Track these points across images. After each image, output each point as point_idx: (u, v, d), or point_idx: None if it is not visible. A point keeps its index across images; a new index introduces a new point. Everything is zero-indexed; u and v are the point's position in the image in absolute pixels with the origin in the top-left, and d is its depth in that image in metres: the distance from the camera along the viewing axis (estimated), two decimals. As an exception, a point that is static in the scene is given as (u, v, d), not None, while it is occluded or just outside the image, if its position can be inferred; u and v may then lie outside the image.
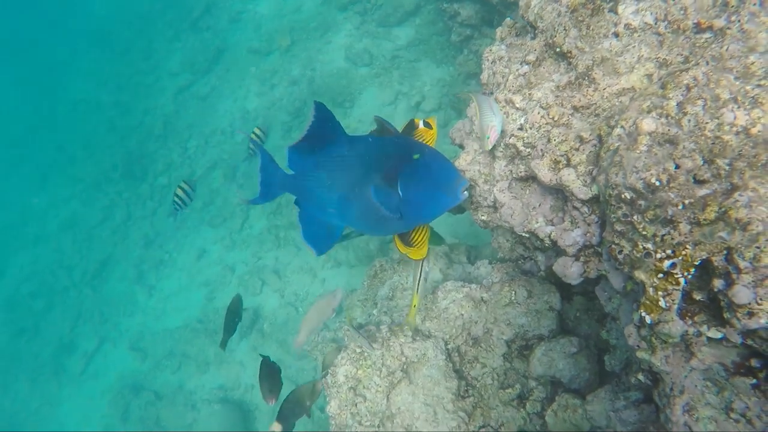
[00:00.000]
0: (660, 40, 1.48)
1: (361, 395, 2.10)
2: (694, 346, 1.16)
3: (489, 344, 2.20)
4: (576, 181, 1.31)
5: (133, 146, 8.16)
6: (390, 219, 1.43)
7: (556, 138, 1.37)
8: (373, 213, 1.45)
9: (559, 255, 1.51)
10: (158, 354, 5.98)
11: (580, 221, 1.37)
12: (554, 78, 1.59)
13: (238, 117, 7.58)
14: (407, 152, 1.40)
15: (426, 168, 1.38)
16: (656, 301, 1.11)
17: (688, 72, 1.20)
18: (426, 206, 1.39)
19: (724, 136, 1.12)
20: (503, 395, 2.13)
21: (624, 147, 1.17)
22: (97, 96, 9.37)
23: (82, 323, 6.89)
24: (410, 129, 1.66)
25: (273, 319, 5.45)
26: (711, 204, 1.05)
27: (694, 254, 1.05)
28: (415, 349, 2.14)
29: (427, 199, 1.38)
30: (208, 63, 8.35)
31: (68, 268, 7.50)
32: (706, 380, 1.14)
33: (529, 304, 2.18)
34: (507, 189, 1.55)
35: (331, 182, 1.53)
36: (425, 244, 1.64)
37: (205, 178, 7.28)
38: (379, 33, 6.74)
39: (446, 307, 2.25)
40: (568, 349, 2.09)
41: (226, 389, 5.32)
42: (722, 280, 1.02)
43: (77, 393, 6.30)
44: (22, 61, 11.26)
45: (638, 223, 1.11)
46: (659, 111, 1.17)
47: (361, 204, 1.48)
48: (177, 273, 6.71)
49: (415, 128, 1.64)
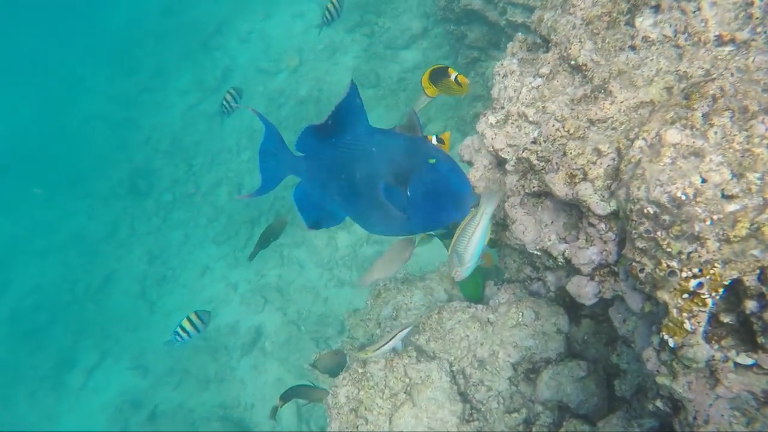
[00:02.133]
0: (679, 53, 1.44)
1: (363, 417, 2.02)
2: (719, 373, 1.08)
3: (495, 367, 2.12)
4: (593, 196, 1.25)
5: (140, 162, 8.19)
6: (393, 220, 1.37)
7: (573, 151, 1.32)
8: (378, 210, 1.40)
9: (572, 275, 1.44)
10: (159, 370, 5.89)
11: (596, 239, 1.31)
12: (569, 91, 1.54)
13: (245, 136, 7.61)
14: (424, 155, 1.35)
15: (439, 176, 1.32)
16: (680, 323, 1.04)
17: (714, 82, 1.15)
18: (432, 215, 1.33)
19: (754, 149, 1.06)
20: (509, 420, 2.04)
21: (646, 159, 1.11)
22: (108, 112, 9.45)
23: (83, 338, 6.82)
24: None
25: (275, 338, 5.37)
26: (742, 220, 0.99)
27: (724, 273, 0.98)
28: (419, 371, 2.05)
29: (433, 208, 1.32)
30: (217, 82, 8.42)
31: (72, 282, 7.46)
32: (734, 410, 1.06)
33: (537, 326, 2.11)
34: (519, 205, 1.49)
35: (341, 169, 1.46)
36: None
37: (210, 195, 7.28)
38: (387, 55, 6.78)
39: (451, 328, 2.17)
40: (577, 373, 2.00)
41: (226, 407, 5.22)
42: (755, 302, 0.95)
43: (76, 408, 6.20)
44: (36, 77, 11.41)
45: (662, 240, 1.04)
46: (684, 122, 1.12)
47: (367, 198, 1.42)
48: (180, 289, 6.65)
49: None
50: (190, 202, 7.36)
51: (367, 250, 5.51)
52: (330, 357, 2.49)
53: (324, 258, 5.72)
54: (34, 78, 11.45)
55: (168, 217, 7.44)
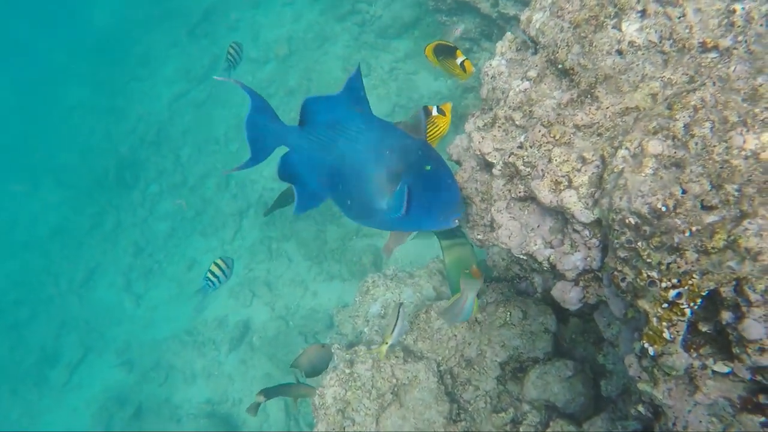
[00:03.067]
0: (665, 58, 1.44)
1: (350, 418, 2.03)
2: (698, 380, 1.10)
3: (482, 366, 2.14)
4: (577, 204, 1.26)
5: (126, 153, 8.09)
6: (375, 213, 1.35)
7: (558, 158, 1.32)
8: (362, 200, 1.37)
9: (558, 278, 1.46)
10: (145, 365, 5.86)
11: (581, 245, 1.32)
12: (555, 95, 1.54)
13: (233, 126, 7.53)
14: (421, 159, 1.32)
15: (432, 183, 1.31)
16: (660, 332, 1.06)
17: (696, 93, 1.16)
18: (414, 219, 1.32)
19: (732, 160, 1.07)
20: (496, 419, 2.06)
21: (629, 169, 1.12)
22: (92, 102, 9.30)
23: (67, 332, 6.75)
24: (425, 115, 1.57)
25: (263, 333, 5.36)
26: (719, 231, 1.00)
27: (702, 284, 1.00)
28: (406, 371, 2.07)
29: (418, 213, 1.31)
30: (205, 70, 8.32)
31: (55, 275, 7.38)
32: (711, 416, 1.09)
33: (524, 325, 2.13)
34: (505, 209, 1.50)
35: (334, 150, 1.41)
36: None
37: (198, 187, 7.21)
38: (378, 44, 6.73)
39: (439, 328, 2.19)
40: (564, 373, 2.03)
41: (213, 403, 5.21)
42: (731, 313, 0.97)
43: (60, 404, 6.15)
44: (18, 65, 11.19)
45: (643, 250, 1.06)
46: (666, 132, 1.13)
47: (355, 185, 1.39)
48: (166, 283, 6.61)
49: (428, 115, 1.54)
50: (177, 194, 7.28)
51: (357, 244, 5.50)
52: (315, 351, 2.50)
53: (313, 251, 5.71)
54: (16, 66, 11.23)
55: (154, 209, 7.37)
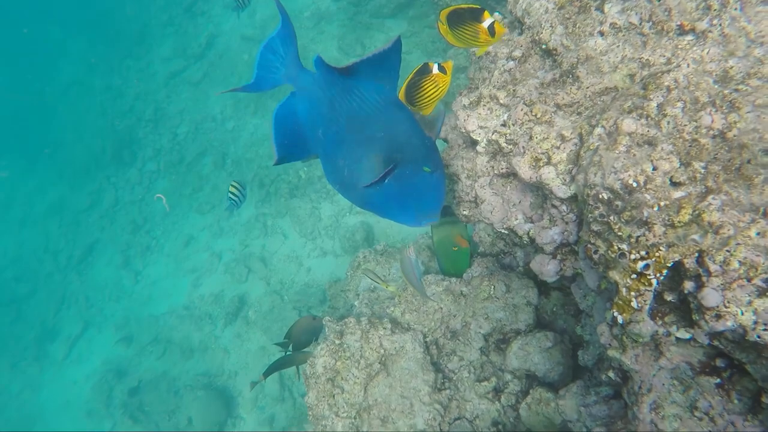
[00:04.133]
0: (644, 40, 1.48)
1: (339, 387, 2.11)
2: (663, 346, 1.17)
3: (467, 338, 2.21)
4: (555, 180, 1.31)
5: (123, 131, 8.08)
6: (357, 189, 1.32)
7: (538, 135, 1.37)
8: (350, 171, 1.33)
9: (538, 252, 1.52)
10: (143, 340, 5.96)
11: (558, 220, 1.38)
12: (539, 75, 1.59)
13: (230, 104, 7.53)
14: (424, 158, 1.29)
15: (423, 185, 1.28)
16: (629, 301, 1.12)
17: (670, 74, 1.21)
18: (391, 208, 1.30)
19: (701, 139, 1.13)
20: (479, 388, 2.15)
21: (603, 147, 1.17)
22: (89, 79, 9.25)
23: (66, 308, 6.84)
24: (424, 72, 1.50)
25: (258, 307, 5.45)
26: (685, 207, 1.06)
27: (667, 256, 1.06)
28: (393, 342, 2.14)
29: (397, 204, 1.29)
30: (201, 49, 8.27)
31: (54, 253, 7.44)
32: (673, 379, 1.16)
33: (507, 298, 2.20)
34: (488, 185, 1.56)
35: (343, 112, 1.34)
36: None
37: (195, 164, 7.23)
38: (373, 24, 6.71)
39: (426, 300, 2.26)
40: (544, 344, 2.10)
41: (209, 376, 5.32)
42: (693, 283, 1.03)
43: (60, 378, 6.26)
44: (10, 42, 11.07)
45: (614, 224, 1.12)
46: (639, 112, 1.18)
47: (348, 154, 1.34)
48: (164, 259, 6.68)
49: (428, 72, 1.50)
50: (174, 172, 7.31)
51: (350, 220, 5.57)
52: (306, 322, 2.58)
53: (307, 228, 5.77)
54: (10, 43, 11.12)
55: (152, 187, 7.40)
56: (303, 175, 6.12)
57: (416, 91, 1.45)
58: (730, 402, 1.10)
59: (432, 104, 1.46)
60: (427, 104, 1.45)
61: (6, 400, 6.31)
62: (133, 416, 5.29)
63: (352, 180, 1.34)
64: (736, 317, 0.96)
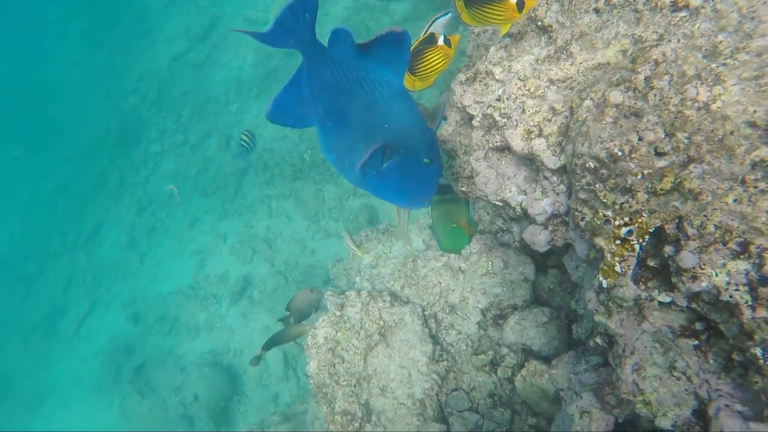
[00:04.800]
0: (638, 17, 1.51)
1: (340, 356, 2.18)
2: (646, 311, 1.22)
3: (465, 312, 2.27)
4: (546, 151, 1.36)
5: (127, 112, 8.14)
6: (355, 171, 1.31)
7: (530, 109, 1.41)
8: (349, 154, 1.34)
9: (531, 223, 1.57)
10: (150, 318, 6.08)
11: (550, 191, 1.42)
12: (534, 51, 1.62)
13: (233, 86, 7.56)
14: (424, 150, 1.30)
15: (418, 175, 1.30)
16: (613, 266, 1.17)
17: (658, 48, 1.24)
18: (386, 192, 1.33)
19: (685, 110, 1.17)
20: (476, 361, 2.21)
21: (591, 118, 1.21)
22: (90, 60, 9.28)
23: (74, 287, 6.97)
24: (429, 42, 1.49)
25: (262, 288, 5.54)
26: (668, 175, 1.11)
27: (649, 222, 1.11)
28: (393, 314, 2.21)
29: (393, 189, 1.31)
30: (205, 30, 8.29)
31: (61, 233, 7.55)
32: (655, 342, 1.21)
33: (505, 274, 2.25)
34: (483, 158, 1.60)
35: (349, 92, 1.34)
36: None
37: (199, 146, 7.29)
38: (377, 7, 6.70)
39: (425, 275, 2.32)
40: (540, 319, 2.16)
41: (215, 353, 5.43)
42: (672, 247, 1.08)
43: (69, 354, 6.40)
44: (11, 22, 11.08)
45: (600, 191, 1.16)
46: (627, 84, 1.22)
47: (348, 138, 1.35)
48: (169, 240, 6.77)
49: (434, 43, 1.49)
50: (178, 153, 7.38)
51: (354, 203, 5.63)
52: (305, 295, 2.65)
53: (311, 210, 5.83)
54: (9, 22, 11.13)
55: (156, 168, 7.47)
56: (307, 158, 6.17)
57: (418, 61, 1.45)
58: (706, 362, 1.15)
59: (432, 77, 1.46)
60: (427, 75, 1.45)
61: (19, 376, 6.46)
62: (140, 392, 5.41)
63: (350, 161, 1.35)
64: (710, 278, 1.01)
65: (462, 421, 2.15)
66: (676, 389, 1.17)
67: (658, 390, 1.19)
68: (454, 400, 2.21)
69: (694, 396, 1.15)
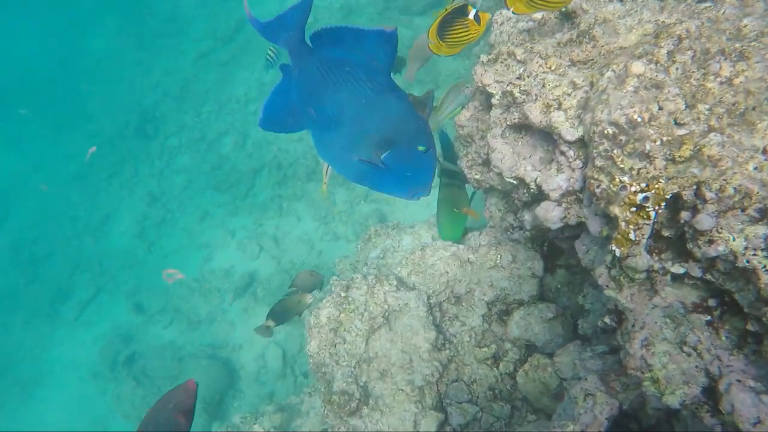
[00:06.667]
0: (662, 5, 1.52)
1: (341, 337, 2.16)
2: (658, 285, 1.21)
3: (470, 303, 2.25)
4: (564, 123, 1.36)
5: (149, 105, 8.26)
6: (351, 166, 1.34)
7: (550, 83, 1.42)
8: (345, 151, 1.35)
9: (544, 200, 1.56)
10: (152, 308, 6.08)
11: (565, 167, 1.42)
12: (557, 36, 1.63)
13: (254, 87, 7.66)
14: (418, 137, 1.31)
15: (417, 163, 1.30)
16: (627, 234, 1.16)
17: (682, 24, 1.25)
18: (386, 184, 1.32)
19: (707, 84, 1.16)
20: (479, 353, 2.18)
21: (611, 87, 1.22)
22: (120, 54, 9.47)
23: (80, 272, 6.99)
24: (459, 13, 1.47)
25: (267, 285, 5.53)
26: (687, 142, 1.10)
27: (666, 188, 1.10)
28: (398, 299, 2.19)
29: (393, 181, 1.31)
30: (231, 32, 8.45)
31: (73, 218, 7.62)
32: (666, 317, 1.19)
33: (513, 268, 2.23)
34: (500, 136, 1.60)
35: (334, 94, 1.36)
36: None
37: (216, 143, 7.37)
38: (401, 21, 6.81)
39: (433, 264, 2.30)
40: (545, 315, 2.13)
41: (214, 347, 5.41)
42: (689, 213, 1.07)
43: (70, 338, 6.41)
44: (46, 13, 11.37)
45: (617, 157, 1.16)
46: (650, 57, 1.22)
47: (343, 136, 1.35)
48: (178, 232, 6.80)
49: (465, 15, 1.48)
50: (195, 149, 7.46)
51: (364, 208, 5.64)
52: (306, 276, 2.64)
53: (321, 212, 5.85)
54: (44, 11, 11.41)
55: (172, 161, 7.55)
56: (321, 160, 6.20)
57: (448, 29, 1.46)
58: (718, 339, 1.13)
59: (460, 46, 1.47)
60: (454, 44, 1.47)
61: (20, 355, 6.47)
62: (136, 379, 5.39)
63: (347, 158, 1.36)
64: (727, 242, 1.00)
65: (461, 412, 2.11)
66: (686, 365, 1.14)
67: (667, 366, 1.17)
68: (454, 391, 2.18)
69: (705, 373, 1.13)
